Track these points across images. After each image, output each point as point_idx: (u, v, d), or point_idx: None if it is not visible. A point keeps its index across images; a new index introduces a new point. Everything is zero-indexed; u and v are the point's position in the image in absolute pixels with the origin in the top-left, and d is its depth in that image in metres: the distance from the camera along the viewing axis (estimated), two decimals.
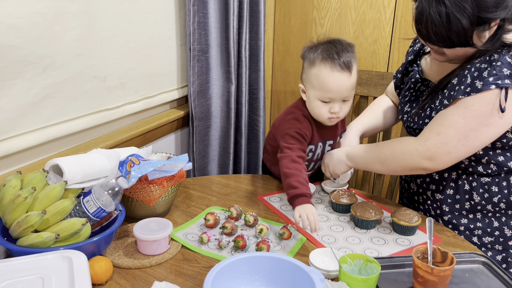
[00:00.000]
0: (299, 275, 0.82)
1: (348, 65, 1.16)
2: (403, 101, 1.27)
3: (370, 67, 1.98)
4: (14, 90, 1.09)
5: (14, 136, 1.11)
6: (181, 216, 1.21)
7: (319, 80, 1.17)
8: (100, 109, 1.37)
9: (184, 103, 1.83)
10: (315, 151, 1.33)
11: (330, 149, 1.36)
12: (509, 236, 1.14)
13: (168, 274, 0.95)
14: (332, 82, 1.16)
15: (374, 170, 1.21)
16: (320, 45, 1.19)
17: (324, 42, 1.20)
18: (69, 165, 0.96)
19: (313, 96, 1.21)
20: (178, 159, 1.18)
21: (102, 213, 0.97)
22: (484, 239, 1.16)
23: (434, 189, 1.22)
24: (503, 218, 1.14)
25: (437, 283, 0.85)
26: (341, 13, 1.97)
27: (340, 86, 1.17)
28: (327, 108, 1.21)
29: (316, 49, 1.19)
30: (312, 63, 1.19)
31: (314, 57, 1.18)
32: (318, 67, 1.17)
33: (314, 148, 1.32)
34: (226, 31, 1.72)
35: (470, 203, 1.16)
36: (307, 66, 1.21)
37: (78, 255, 0.85)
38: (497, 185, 1.12)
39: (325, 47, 1.18)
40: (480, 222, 1.16)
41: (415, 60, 1.30)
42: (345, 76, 1.16)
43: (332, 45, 1.17)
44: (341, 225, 1.18)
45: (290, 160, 1.19)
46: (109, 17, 1.33)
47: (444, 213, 1.20)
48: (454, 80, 1.06)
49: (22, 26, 1.07)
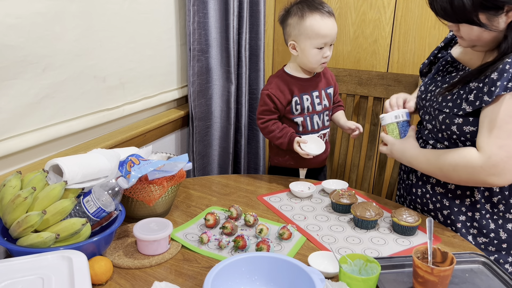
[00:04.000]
0: (299, 275, 0.82)
1: (332, 12, 1.37)
2: (429, 82, 1.26)
3: (370, 67, 1.98)
4: (14, 90, 1.09)
5: (14, 136, 1.11)
6: (181, 216, 1.21)
7: (314, 29, 1.35)
8: (100, 109, 1.37)
9: (184, 103, 1.83)
10: (301, 102, 1.45)
11: (318, 101, 1.48)
12: (503, 239, 1.14)
13: (168, 274, 0.95)
14: (325, 27, 1.35)
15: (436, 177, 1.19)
16: (298, 4, 1.38)
17: (298, 1, 1.39)
18: (69, 165, 0.96)
19: (309, 46, 1.38)
20: (178, 159, 1.18)
21: (102, 213, 0.97)
22: (479, 239, 1.16)
23: (434, 182, 1.21)
24: (500, 220, 1.13)
25: (437, 283, 0.85)
26: (341, 13, 1.97)
27: (332, 30, 1.36)
28: (321, 54, 1.39)
29: (298, 7, 1.37)
30: (302, 17, 1.36)
31: (302, 12, 1.36)
32: (310, 19, 1.35)
33: (299, 100, 1.45)
34: (226, 31, 1.72)
35: (471, 199, 1.15)
36: (296, 22, 1.37)
37: (78, 255, 0.85)
38: None
39: (305, 3, 1.37)
40: (477, 222, 1.15)
41: (445, 48, 1.31)
42: (333, 21, 1.37)
43: (308, 0, 1.37)
44: (341, 225, 1.18)
45: (266, 127, 1.45)
46: (109, 17, 1.33)
47: (443, 207, 1.19)
48: (494, 75, 1.02)
49: (22, 26, 1.07)
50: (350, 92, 1.90)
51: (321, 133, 1.50)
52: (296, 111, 1.46)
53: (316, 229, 1.15)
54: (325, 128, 1.52)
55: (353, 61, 2.02)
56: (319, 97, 1.48)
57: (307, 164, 1.53)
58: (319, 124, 1.49)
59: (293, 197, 1.34)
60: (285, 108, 1.46)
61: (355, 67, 2.02)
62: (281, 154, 1.53)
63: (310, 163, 1.53)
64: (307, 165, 1.54)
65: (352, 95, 1.91)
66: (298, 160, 1.50)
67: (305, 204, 1.30)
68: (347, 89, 1.90)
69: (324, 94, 1.50)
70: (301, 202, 1.31)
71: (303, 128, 1.47)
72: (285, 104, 1.45)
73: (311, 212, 1.25)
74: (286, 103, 1.45)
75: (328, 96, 1.51)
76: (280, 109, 1.45)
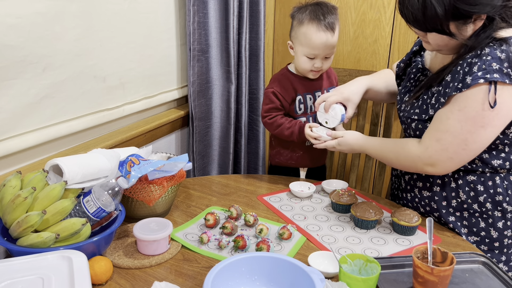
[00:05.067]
0: (299, 275, 0.82)
1: (332, 26, 1.32)
2: (403, 91, 1.28)
3: (370, 67, 1.98)
4: (14, 90, 1.09)
5: (14, 136, 1.11)
6: (181, 216, 1.21)
7: (306, 38, 1.34)
8: (100, 109, 1.37)
9: (184, 103, 1.83)
10: (304, 101, 1.45)
11: None
12: (494, 238, 1.13)
13: (168, 274, 0.95)
14: (317, 40, 1.32)
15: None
16: (308, 6, 1.36)
17: (311, 4, 1.36)
18: (69, 165, 0.96)
19: (300, 52, 1.38)
20: (178, 159, 1.18)
21: (102, 213, 0.97)
22: (470, 238, 1.16)
23: (421, 186, 1.21)
24: (490, 219, 1.13)
25: (437, 283, 0.85)
26: (341, 13, 1.97)
27: (324, 44, 1.33)
28: (311, 63, 1.38)
29: (305, 9, 1.35)
30: (301, 22, 1.35)
31: (303, 17, 1.34)
32: (306, 27, 1.33)
33: (302, 99, 1.45)
34: (226, 31, 1.72)
35: (457, 200, 1.15)
36: (296, 25, 1.37)
37: (78, 255, 0.85)
38: (482, 184, 1.12)
39: (312, 9, 1.34)
40: (466, 221, 1.15)
41: (419, 52, 1.31)
42: (329, 35, 1.33)
43: (319, 7, 1.34)
44: (341, 225, 1.18)
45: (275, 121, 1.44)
46: (108, 17, 1.33)
47: (432, 210, 1.20)
48: (448, 77, 1.07)
49: (22, 26, 1.07)
50: None
51: None
52: (299, 110, 1.46)
53: (316, 229, 1.15)
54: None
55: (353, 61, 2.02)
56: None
57: (307, 163, 1.53)
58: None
59: (293, 197, 1.34)
60: (289, 106, 1.46)
61: (355, 67, 2.02)
62: (283, 153, 1.53)
63: (310, 162, 1.53)
64: (307, 164, 1.54)
65: None
66: (299, 159, 1.50)
67: (305, 204, 1.30)
68: None
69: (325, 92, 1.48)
70: (301, 202, 1.32)
71: None
72: (289, 102, 1.45)
73: (311, 212, 1.25)
74: (290, 101, 1.45)
75: None
76: (285, 107, 1.45)
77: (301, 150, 1.50)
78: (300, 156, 1.50)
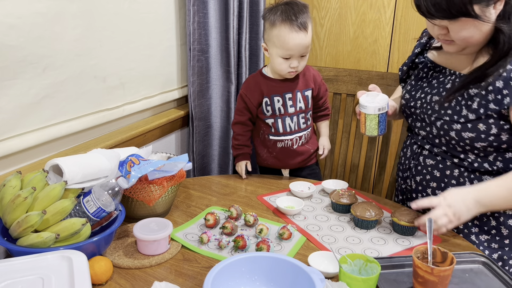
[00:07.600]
0: (299, 275, 0.82)
1: (305, 25, 1.31)
2: (414, 89, 1.27)
3: (370, 67, 1.98)
4: (14, 90, 1.09)
5: (14, 136, 1.11)
6: (181, 216, 1.21)
7: (280, 40, 1.32)
8: (100, 109, 1.37)
9: (184, 103, 1.83)
10: (271, 103, 1.44)
11: (291, 103, 1.44)
12: (505, 235, 1.14)
13: (168, 274, 0.95)
14: (291, 41, 1.31)
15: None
16: (279, 7, 1.33)
17: (282, 4, 1.34)
18: (69, 165, 0.96)
19: (275, 54, 1.37)
20: (178, 159, 1.18)
21: (102, 213, 0.97)
22: (481, 237, 1.16)
23: (435, 186, 1.21)
24: (502, 218, 1.14)
25: (437, 283, 0.85)
26: (341, 13, 1.97)
27: (299, 45, 1.32)
28: (287, 64, 1.37)
29: (276, 10, 1.33)
30: (273, 24, 1.33)
31: (275, 19, 1.32)
32: (279, 28, 1.31)
33: (269, 101, 1.44)
34: (226, 31, 1.72)
35: None
36: (268, 27, 1.35)
37: (78, 255, 0.85)
38: None
39: (283, 9, 1.32)
40: (478, 220, 1.16)
41: (421, 53, 1.30)
42: (303, 35, 1.31)
43: (289, 7, 1.32)
44: (341, 225, 1.18)
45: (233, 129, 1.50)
46: (109, 17, 1.33)
47: None
48: (499, 83, 1.03)
49: (22, 26, 1.07)
50: (350, 92, 1.90)
51: (297, 135, 1.48)
52: (267, 112, 1.45)
53: (316, 229, 1.15)
54: (300, 131, 1.48)
55: (353, 61, 2.02)
56: (292, 99, 1.45)
57: (284, 164, 1.55)
58: (292, 127, 1.47)
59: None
60: (256, 108, 1.46)
61: (355, 67, 2.02)
62: (260, 153, 1.54)
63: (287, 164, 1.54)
64: (285, 165, 1.56)
65: (352, 95, 1.91)
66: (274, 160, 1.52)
67: (305, 204, 1.30)
68: (347, 89, 1.90)
69: (300, 96, 1.46)
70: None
71: (274, 130, 1.47)
72: (256, 105, 1.45)
73: (311, 212, 1.25)
74: (257, 104, 1.45)
75: (305, 98, 1.47)
76: (252, 110, 1.46)
77: (275, 151, 1.50)
78: (274, 157, 1.51)
